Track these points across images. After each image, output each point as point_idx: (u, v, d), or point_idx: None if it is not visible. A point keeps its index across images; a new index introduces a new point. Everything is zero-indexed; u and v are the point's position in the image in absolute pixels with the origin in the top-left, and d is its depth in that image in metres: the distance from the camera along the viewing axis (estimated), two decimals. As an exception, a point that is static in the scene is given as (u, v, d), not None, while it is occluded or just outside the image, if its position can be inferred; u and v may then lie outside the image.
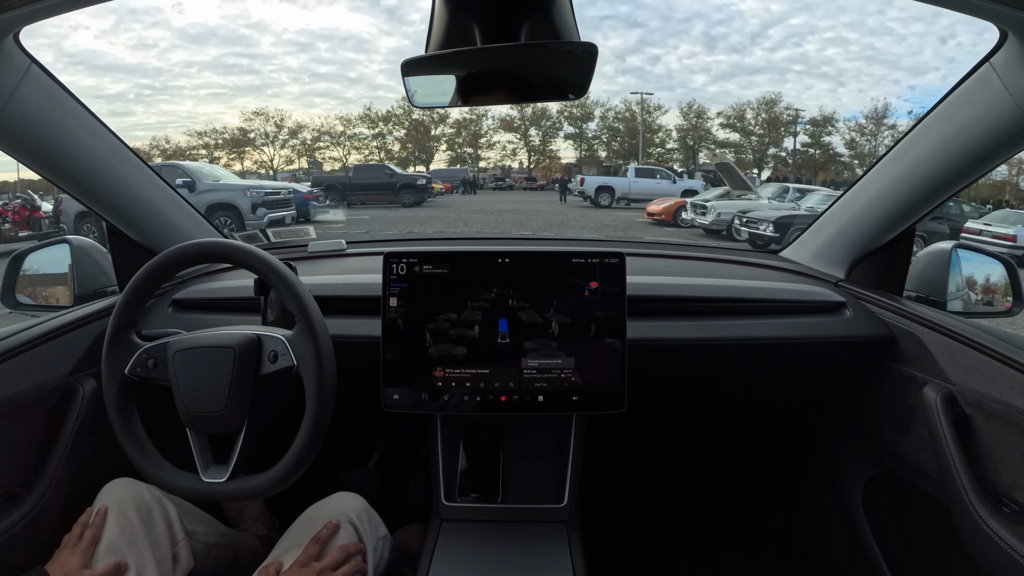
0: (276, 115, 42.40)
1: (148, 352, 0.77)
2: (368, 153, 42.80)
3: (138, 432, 0.78)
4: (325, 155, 42.41)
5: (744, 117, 38.58)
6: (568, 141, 44.12)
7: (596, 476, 1.46)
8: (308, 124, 43.10)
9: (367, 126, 42.00)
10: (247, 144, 39.39)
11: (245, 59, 49.58)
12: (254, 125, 40.89)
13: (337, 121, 46.39)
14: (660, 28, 50.61)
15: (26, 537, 0.81)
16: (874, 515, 1.06)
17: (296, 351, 0.74)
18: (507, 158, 44.72)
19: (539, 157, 44.80)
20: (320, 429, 0.72)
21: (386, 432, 1.55)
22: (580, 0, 0.69)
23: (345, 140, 42.20)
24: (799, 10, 45.37)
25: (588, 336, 0.85)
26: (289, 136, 40.51)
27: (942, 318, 0.89)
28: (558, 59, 0.68)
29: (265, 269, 0.75)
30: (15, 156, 0.83)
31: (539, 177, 38.31)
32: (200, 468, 0.76)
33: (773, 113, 37.79)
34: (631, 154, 42.00)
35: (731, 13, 45.93)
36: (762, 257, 1.31)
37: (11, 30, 0.68)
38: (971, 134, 0.79)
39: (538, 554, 0.86)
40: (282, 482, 0.73)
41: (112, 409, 0.77)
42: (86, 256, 1.09)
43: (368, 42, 53.78)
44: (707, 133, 40.66)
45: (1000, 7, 0.59)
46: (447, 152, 43.06)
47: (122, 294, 0.78)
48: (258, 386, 0.74)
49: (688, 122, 40.58)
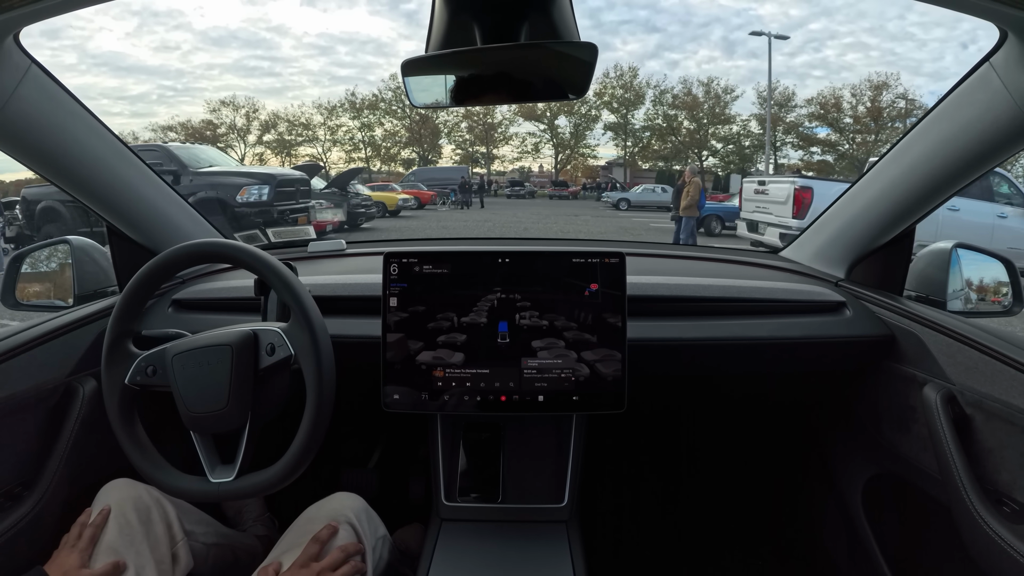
0: (247, 104, 37.65)
1: (147, 360, 0.77)
2: (351, 148, 36.85)
3: (142, 440, 0.77)
4: (300, 152, 36.59)
5: (840, 106, 30.80)
6: (608, 133, 36.23)
7: (596, 476, 1.46)
8: (284, 114, 38.27)
9: (350, 115, 36.28)
10: (214, 141, 33.63)
11: (266, 62, 49.95)
12: (222, 117, 36.03)
13: (315, 111, 41.18)
14: (679, 33, 50.46)
15: (26, 537, 0.81)
16: (874, 515, 1.06)
17: (292, 341, 0.73)
18: (527, 156, 37.24)
19: (569, 154, 36.97)
20: (322, 418, 0.72)
21: (386, 432, 1.55)
22: (598, 5, 0.67)
23: (327, 132, 36.45)
24: (818, 15, 45.03)
25: (588, 336, 0.85)
26: (262, 130, 36.17)
27: (942, 318, 0.89)
28: (558, 59, 0.69)
29: (264, 269, 0.75)
30: (15, 156, 0.83)
31: (569, 182, 31.92)
32: (207, 469, 0.75)
33: (878, 103, 29.82)
34: (676, 154, 34.56)
35: (750, 18, 45.60)
36: (762, 257, 1.31)
37: (11, 30, 0.68)
38: (971, 134, 0.79)
39: (538, 554, 0.86)
40: (288, 475, 0.72)
41: (115, 419, 0.76)
42: (86, 256, 1.09)
43: (387, 45, 54.01)
44: (792, 126, 32.72)
45: (1000, 7, 0.59)
46: (457, 151, 37.40)
47: (119, 299, 0.77)
48: (258, 381, 0.74)
49: (764, 110, 32.43)
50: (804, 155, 32.34)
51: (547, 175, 36.89)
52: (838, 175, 28.78)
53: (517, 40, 0.67)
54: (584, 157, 37.16)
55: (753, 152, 33.80)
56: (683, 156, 33.97)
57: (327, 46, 51.79)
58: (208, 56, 48.80)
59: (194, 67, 47.86)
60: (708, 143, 34.46)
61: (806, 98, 35.87)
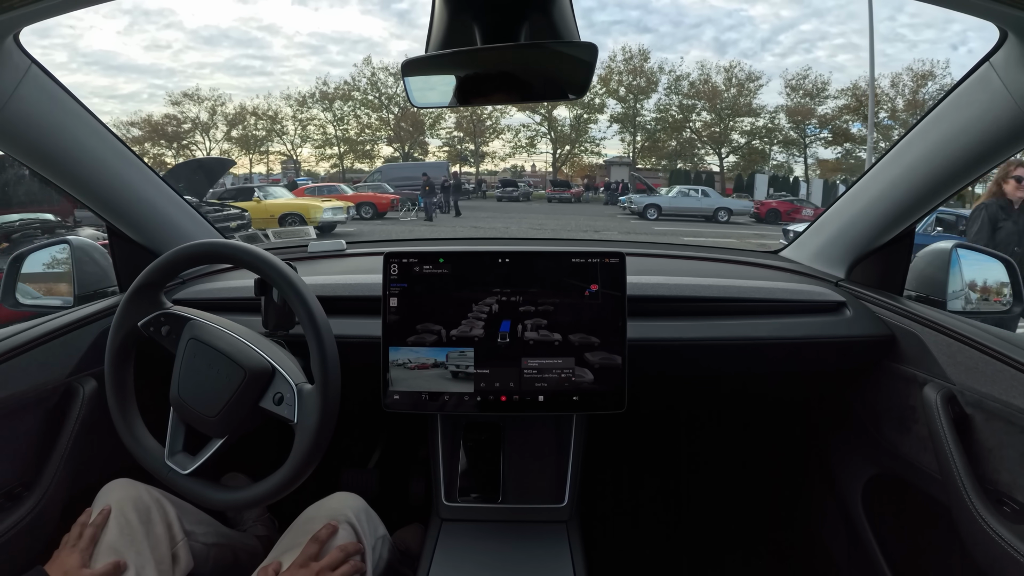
0: (212, 96, 33.22)
1: (167, 317, 0.78)
2: (320, 144, 32.60)
3: (126, 387, 0.79)
4: (270, 149, 32.84)
5: (878, 99, 25.84)
6: (614, 126, 31.66)
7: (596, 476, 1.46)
8: (250, 106, 33.61)
9: (322, 107, 32.37)
10: (175, 138, 31.02)
11: (258, 61, 49.13)
12: (185, 111, 31.91)
13: (283, 102, 37.13)
14: (670, 33, 49.82)
15: (26, 537, 0.81)
16: (874, 515, 1.06)
17: (301, 410, 0.71)
18: (520, 151, 32.60)
19: (570, 150, 32.39)
20: (295, 476, 0.71)
21: (386, 432, 1.55)
22: (590, 5, 0.66)
23: (297, 126, 32.60)
24: (809, 16, 44.48)
25: (588, 336, 0.85)
26: (229, 125, 32.13)
27: (942, 318, 0.89)
28: (558, 59, 0.69)
29: (268, 270, 0.75)
30: (15, 156, 0.83)
31: (572, 183, 28.06)
32: (167, 449, 0.76)
33: (919, 97, 25.89)
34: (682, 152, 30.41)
35: (741, 19, 44.96)
36: (762, 257, 1.31)
37: (11, 30, 0.68)
38: (971, 134, 0.79)
39: (538, 554, 0.86)
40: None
41: (110, 357, 0.78)
42: (86, 256, 1.10)
43: (379, 45, 53.38)
44: (827, 119, 28.36)
45: (1000, 7, 0.59)
46: (444, 148, 33.55)
47: (158, 260, 0.78)
48: (252, 412, 0.74)
49: (794, 101, 28.85)
50: (840, 153, 28.99)
51: (541, 175, 33.19)
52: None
53: (517, 40, 0.67)
54: (586, 153, 32.94)
55: (784, 149, 30.14)
56: (688, 154, 30.74)
57: (319, 45, 51.21)
58: (199, 55, 48.08)
59: (185, 66, 46.95)
60: (729, 138, 30.18)
61: (840, 88, 31.40)
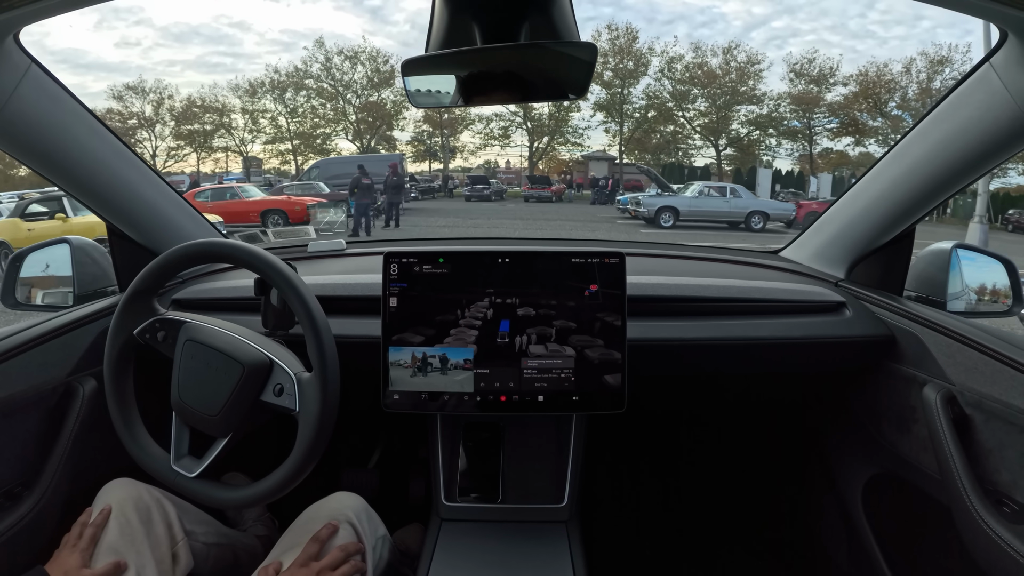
0: (157, 88, 30.74)
1: (163, 323, 0.78)
2: (271, 139, 29.69)
3: (126, 395, 0.79)
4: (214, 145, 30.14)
5: (889, 86, 23.87)
6: (599, 114, 28.31)
7: (596, 476, 1.46)
8: (196, 97, 30.73)
9: (272, 96, 29.56)
10: (123, 134, 25.63)
11: (229, 58, 48.42)
12: (128, 105, 29.29)
13: (230, 92, 33.67)
14: (644, 29, 50.00)
15: (26, 537, 0.81)
16: (874, 515, 1.06)
17: (302, 398, 0.71)
18: (492, 144, 29.71)
19: (548, 142, 29.53)
20: (300, 470, 0.71)
21: (386, 432, 1.55)
22: None
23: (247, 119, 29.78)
24: (781, 13, 44.52)
25: (588, 336, 0.85)
26: (178, 121, 29.53)
27: (942, 318, 0.89)
28: (558, 59, 0.69)
29: (268, 270, 0.75)
30: (15, 156, 0.83)
31: (552, 179, 24.89)
32: (173, 454, 0.76)
33: (931, 91, 22.94)
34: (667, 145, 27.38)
35: (714, 15, 44.85)
36: (762, 257, 1.31)
37: (11, 30, 0.68)
38: (971, 134, 0.79)
39: (538, 554, 0.86)
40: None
41: (109, 366, 0.77)
42: (86, 256, 1.09)
43: (352, 41, 53.13)
44: (839, 107, 25.70)
45: (1000, 7, 0.59)
46: (414, 143, 30.63)
47: (153, 263, 0.78)
48: (253, 407, 0.74)
49: (797, 88, 26.27)
50: (850, 144, 27.05)
51: (516, 171, 30.02)
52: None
53: (517, 40, 0.67)
54: (567, 145, 30.12)
55: (790, 139, 27.37)
56: (675, 148, 28.21)
57: (290, 42, 50.07)
58: (170, 52, 47.09)
59: (155, 63, 45.65)
60: (728, 128, 27.50)
61: (847, 75, 27.92)
